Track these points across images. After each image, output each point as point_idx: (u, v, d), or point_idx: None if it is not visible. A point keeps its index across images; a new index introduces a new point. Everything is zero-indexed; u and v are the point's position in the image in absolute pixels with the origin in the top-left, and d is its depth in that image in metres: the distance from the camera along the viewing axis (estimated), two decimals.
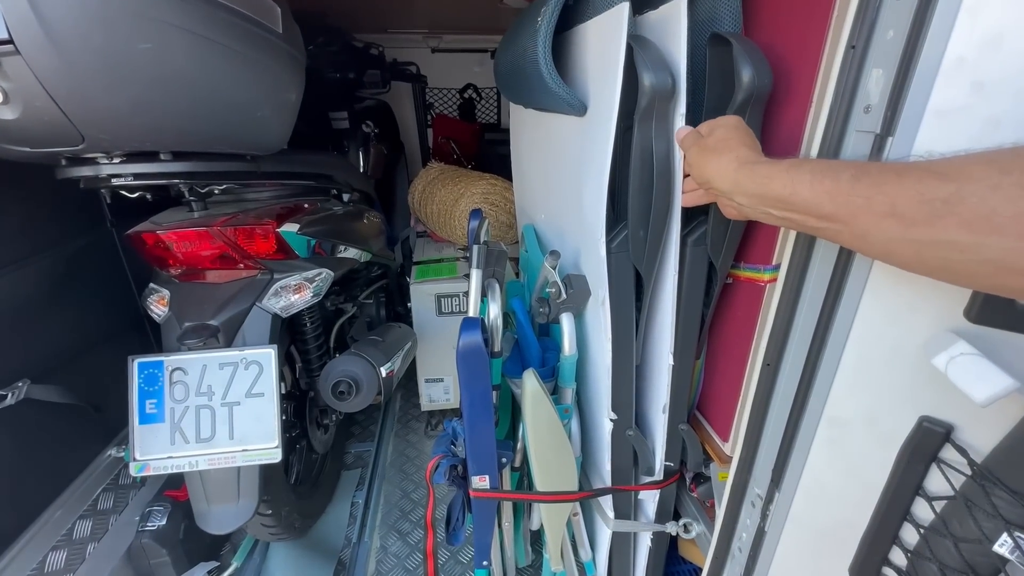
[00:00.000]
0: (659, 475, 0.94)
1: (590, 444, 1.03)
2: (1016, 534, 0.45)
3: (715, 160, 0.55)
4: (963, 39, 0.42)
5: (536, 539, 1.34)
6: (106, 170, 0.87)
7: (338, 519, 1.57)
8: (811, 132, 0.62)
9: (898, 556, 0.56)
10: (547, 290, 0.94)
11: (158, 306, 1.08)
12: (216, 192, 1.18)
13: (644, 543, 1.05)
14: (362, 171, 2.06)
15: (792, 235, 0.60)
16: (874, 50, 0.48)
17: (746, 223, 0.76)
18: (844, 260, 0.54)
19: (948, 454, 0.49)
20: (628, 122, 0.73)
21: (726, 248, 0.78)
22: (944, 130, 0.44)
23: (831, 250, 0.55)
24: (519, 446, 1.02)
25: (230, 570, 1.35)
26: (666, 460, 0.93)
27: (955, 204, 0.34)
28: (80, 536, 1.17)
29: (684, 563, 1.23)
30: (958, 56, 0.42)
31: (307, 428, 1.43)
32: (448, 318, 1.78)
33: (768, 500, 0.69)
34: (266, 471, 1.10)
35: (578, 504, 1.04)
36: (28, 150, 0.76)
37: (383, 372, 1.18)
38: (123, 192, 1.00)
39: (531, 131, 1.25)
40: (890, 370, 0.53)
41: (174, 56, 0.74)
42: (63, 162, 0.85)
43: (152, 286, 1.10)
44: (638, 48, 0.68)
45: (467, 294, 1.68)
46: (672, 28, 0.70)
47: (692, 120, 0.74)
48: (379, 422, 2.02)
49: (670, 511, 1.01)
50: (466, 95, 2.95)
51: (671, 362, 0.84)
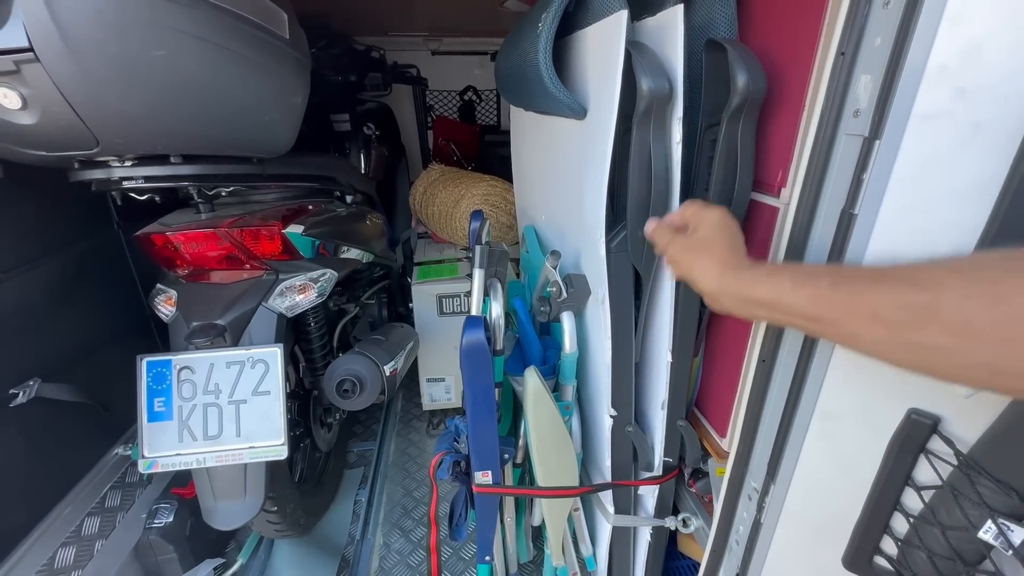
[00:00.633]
0: (658, 471, 0.96)
1: (590, 440, 1.05)
2: (1000, 521, 0.47)
3: (699, 262, 0.55)
4: (945, 47, 0.43)
5: (537, 535, 1.35)
6: (118, 173, 0.89)
7: (341, 517, 1.59)
8: (803, 135, 0.64)
9: (889, 545, 0.58)
10: (548, 289, 0.96)
11: (166, 306, 1.10)
12: (223, 194, 1.20)
13: (644, 538, 1.07)
14: (363, 173, 2.08)
15: (786, 235, 0.62)
16: (862, 57, 0.50)
17: (742, 222, 0.78)
18: (836, 259, 0.55)
19: (936, 445, 0.51)
20: (627, 125, 0.75)
21: None
22: (928, 134, 0.46)
23: (823, 249, 0.57)
24: (520, 443, 1.04)
25: (235, 567, 1.37)
26: (665, 456, 0.95)
27: (934, 312, 0.35)
28: (88, 533, 1.19)
29: (683, 558, 1.24)
30: (941, 63, 0.44)
31: (311, 427, 1.45)
32: (449, 318, 1.79)
33: (764, 493, 0.70)
34: (272, 468, 1.12)
35: (579, 500, 1.06)
36: (44, 154, 0.78)
37: (387, 371, 1.20)
38: (132, 194, 1.02)
39: (531, 134, 1.27)
40: (879, 365, 0.55)
41: (186, 62, 0.76)
42: (76, 165, 0.87)
43: (159, 286, 1.12)
44: (636, 54, 0.70)
45: (469, 294, 1.70)
46: (669, 34, 0.72)
47: (689, 124, 0.76)
48: (381, 421, 2.04)
49: (669, 506, 1.03)
50: (466, 97, 2.97)
51: (670, 359, 0.86)
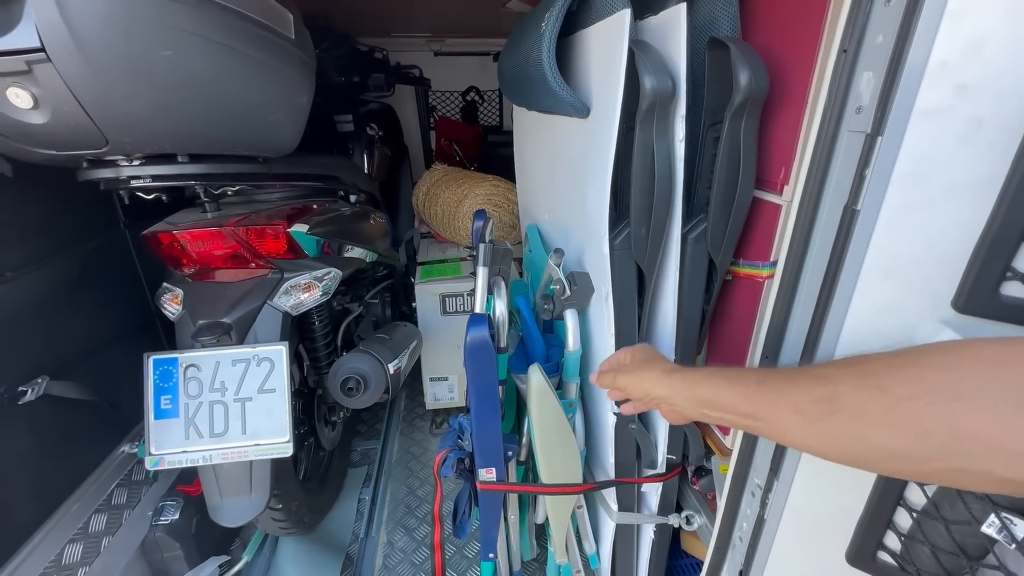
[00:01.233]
0: (661, 468, 0.96)
1: (594, 438, 1.05)
2: (1003, 515, 0.47)
3: (648, 374, 0.61)
4: (946, 44, 0.44)
5: (541, 533, 1.36)
6: (126, 172, 0.89)
7: (345, 515, 1.59)
8: (806, 132, 0.64)
9: (892, 540, 0.58)
10: (551, 287, 0.96)
11: (172, 304, 1.10)
12: (229, 193, 1.21)
13: (647, 536, 1.07)
14: (367, 173, 2.09)
15: (788, 232, 0.62)
16: (864, 54, 0.50)
17: (745, 220, 0.78)
18: (838, 256, 0.56)
19: None
20: (630, 123, 0.75)
21: (725, 245, 0.80)
22: (930, 129, 0.47)
23: (826, 246, 0.57)
24: (524, 440, 1.04)
25: (240, 564, 1.38)
26: (668, 453, 0.95)
27: (836, 402, 0.40)
28: (95, 530, 1.20)
29: (686, 557, 1.24)
30: (942, 60, 0.44)
31: (315, 425, 1.45)
32: (452, 317, 1.80)
33: (767, 489, 0.71)
34: (277, 466, 1.12)
35: (582, 497, 1.06)
36: (54, 152, 0.79)
37: (391, 369, 1.20)
38: (140, 193, 1.03)
39: (535, 133, 1.28)
40: None
41: (194, 62, 0.77)
42: (85, 164, 0.88)
43: (166, 285, 1.12)
44: (639, 52, 0.71)
45: (472, 293, 1.70)
46: (672, 33, 0.72)
47: (692, 122, 0.76)
48: (384, 420, 2.05)
49: (672, 504, 1.03)
50: (468, 98, 2.98)
51: (673, 357, 0.86)
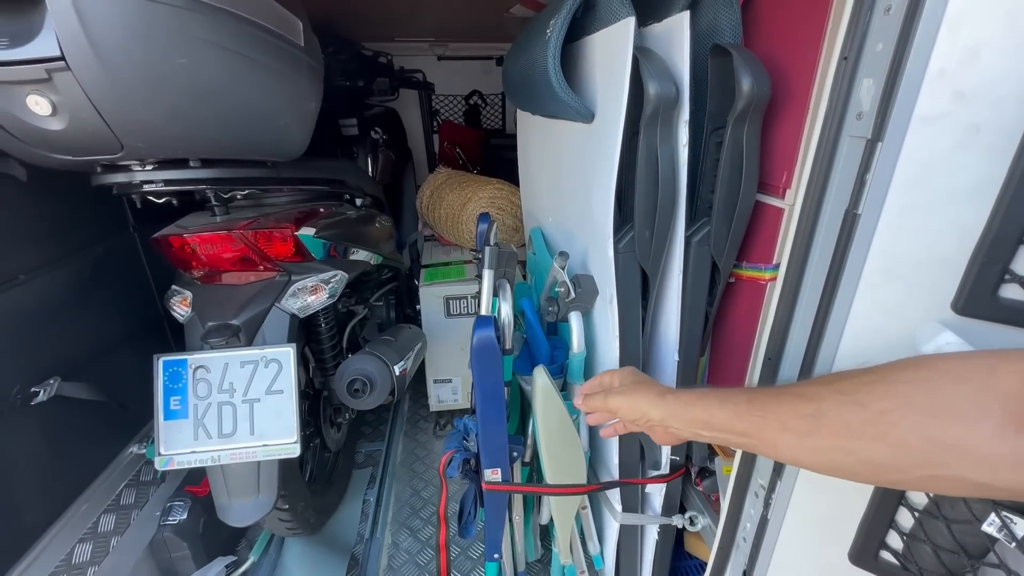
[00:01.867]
0: (665, 469, 0.97)
1: (598, 439, 1.06)
2: (1003, 513, 0.48)
3: (640, 396, 0.62)
4: (944, 52, 0.45)
5: (545, 534, 1.36)
6: (139, 177, 0.91)
7: (351, 516, 1.60)
8: (807, 137, 0.65)
9: (894, 540, 0.58)
10: (556, 289, 0.97)
11: (181, 307, 1.12)
12: (238, 197, 1.23)
13: (651, 537, 1.08)
14: (371, 176, 2.11)
15: (791, 235, 0.63)
16: (865, 61, 0.52)
17: (748, 223, 0.79)
18: (839, 259, 0.57)
19: None
20: (634, 129, 0.77)
21: (728, 248, 0.81)
22: (929, 135, 0.48)
23: (827, 249, 0.58)
24: (529, 441, 1.05)
25: (247, 564, 1.39)
26: (672, 455, 0.96)
27: (820, 418, 0.42)
28: (104, 529, 1.21)
29: (690, 558, 1.25)
30: (940, 67, 0.45)
31: (321, 427, 1.46)
32: (456, 320, 1.81)
33: (770, 490, 0.71)
34: (284, 466, 1.14)
35: (586, 498, 1.07)
36: (69, 158, 0.81)
37: (396, 371, 1.21)
38: (151, 197, 1.05)
39: (539, 138, 1.29)
40: (884, 361, 0.56)
41: (207, 70, 0.79)
42: (99, 169, 0.90)
43: (175, 288, 1.14)
44: (643, 59, 0.72)
45: (476, 296, 1.72)
46: (675, 40, 0.74)
47: (695, 127, 0.77)
48: (389, 422, 2.06)
49: (676, 504, 1.03)
50: (472, 101, 3.00)
51: (676, 359, 0.87)
